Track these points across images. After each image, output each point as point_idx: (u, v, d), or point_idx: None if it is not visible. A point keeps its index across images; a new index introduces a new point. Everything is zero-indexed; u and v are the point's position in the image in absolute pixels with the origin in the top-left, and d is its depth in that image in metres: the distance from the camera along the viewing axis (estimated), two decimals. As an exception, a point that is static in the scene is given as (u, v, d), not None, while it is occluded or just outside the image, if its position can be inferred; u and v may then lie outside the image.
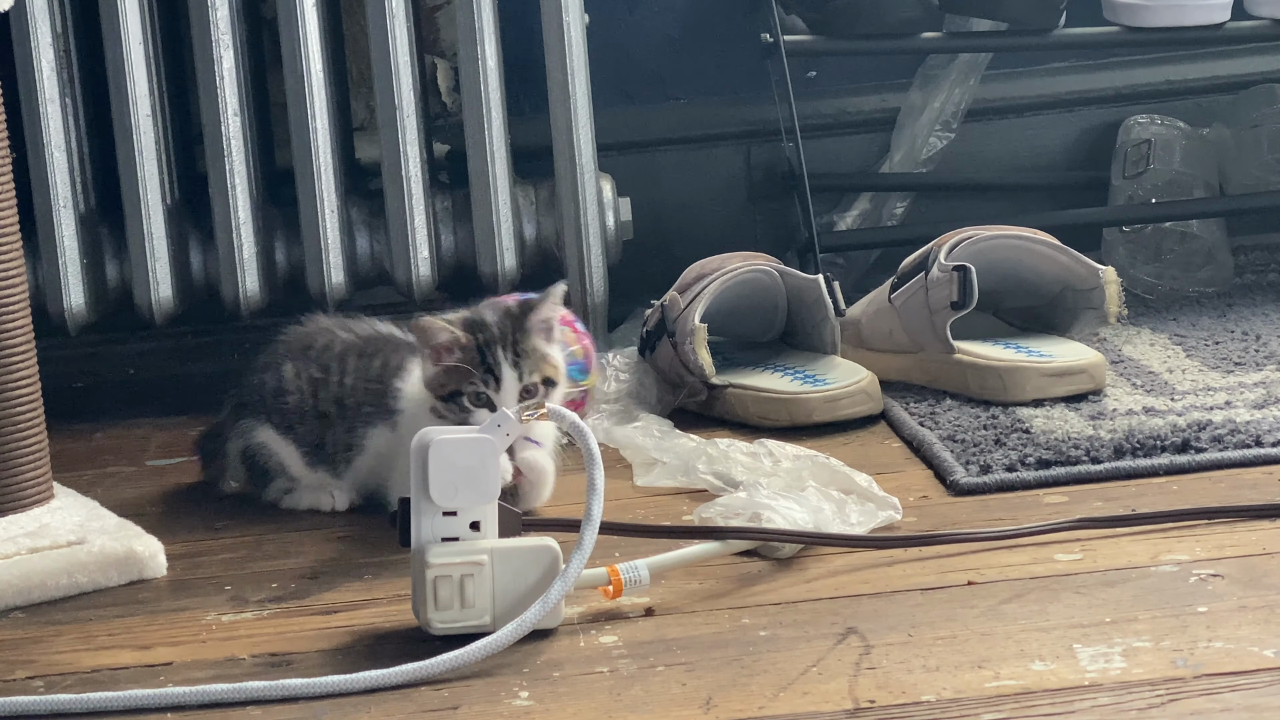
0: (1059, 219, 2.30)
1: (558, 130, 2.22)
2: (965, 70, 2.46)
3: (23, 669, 1.50)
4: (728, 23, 2.47)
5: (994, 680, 1.34)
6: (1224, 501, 1.66)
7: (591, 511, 1.49)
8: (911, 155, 2.47)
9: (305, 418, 1.81)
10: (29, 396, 1.77)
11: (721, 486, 1.77)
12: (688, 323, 1.99)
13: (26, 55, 2.14)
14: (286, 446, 1.82)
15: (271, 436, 1.83)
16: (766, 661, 1.40)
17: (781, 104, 2.33)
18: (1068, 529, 1.62)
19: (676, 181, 2.49)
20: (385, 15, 2.17)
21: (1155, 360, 2.07)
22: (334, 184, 2.20)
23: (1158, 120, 2.41)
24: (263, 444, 1.83)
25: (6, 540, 1.67)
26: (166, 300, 2.21)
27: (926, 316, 2.02)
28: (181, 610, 1.60)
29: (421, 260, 2.22)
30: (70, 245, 2.18)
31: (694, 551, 1.59)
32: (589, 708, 1.35)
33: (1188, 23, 2.29)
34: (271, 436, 1.83)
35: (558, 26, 2.19)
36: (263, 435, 1.83)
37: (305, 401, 1.81)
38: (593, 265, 2.23)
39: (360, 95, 2.41)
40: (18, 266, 1.76)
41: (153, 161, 2.18)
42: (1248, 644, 1.37)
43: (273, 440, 1.83)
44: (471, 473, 1.47)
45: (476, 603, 1.47)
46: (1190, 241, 2.36)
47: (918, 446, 1.87)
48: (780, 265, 2.08)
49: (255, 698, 1.40)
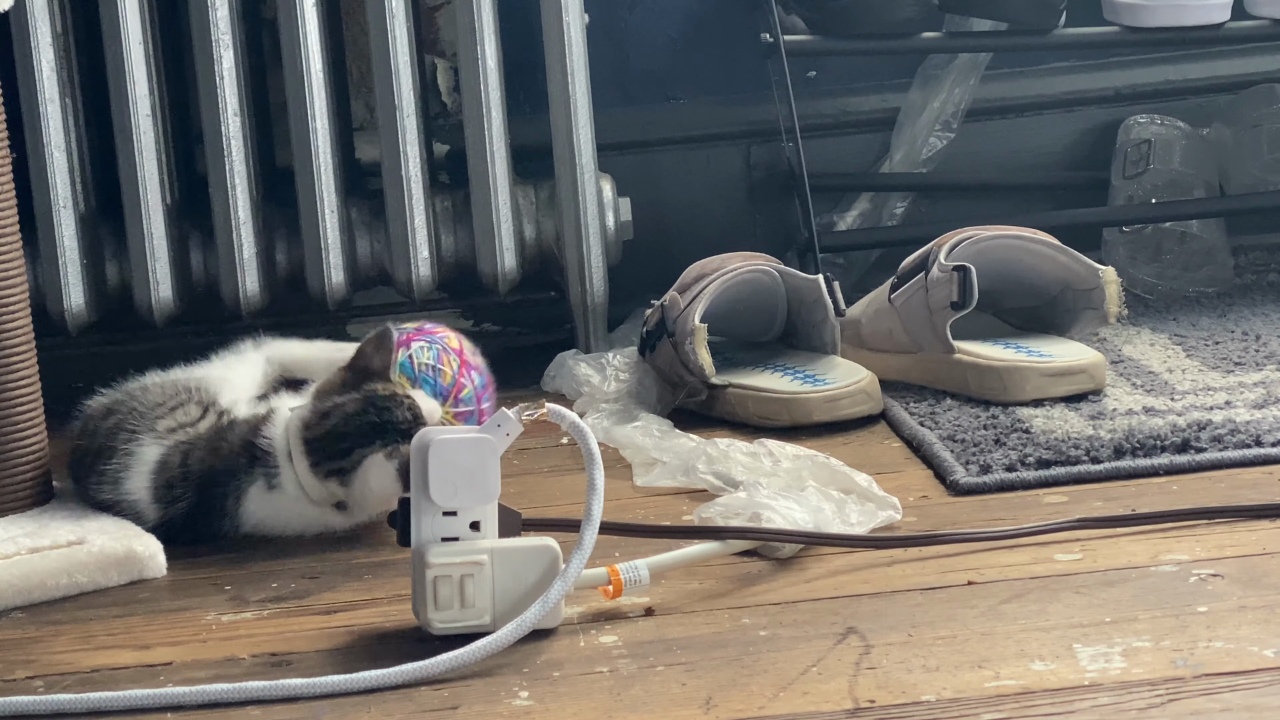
0: (1059, 219, 2.31)
1: (558, 130, 2.22)
2: (965, 70, 2.46)
3: (23, 669, 1.50)
4: (728, 23, 2.47)
5: (994, 680, 1.34)
6: (1224, 501, 1.66)
7: (591, 511, 1.49)
8: (911, 155, 2.47)
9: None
10: (29, 396, 1.77)
11: (721, 486, 1.77)
12: (688, 323, 1.99)
13: (26, 55, 2.14)
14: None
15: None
16: (766, 661, 1.40)
17: (781, 104, 2.33)
18: (1068, 529, 1.62)
19: (676, 181, 2.49)
20: (385, 15, 2.17)
21: (1155, 360, 2.07)
22: (334, 184, 2.20)
23: (1158, 120, 2.41)
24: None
25: (6, 540, 1.67)
26: (166, 300, 2.21)
27: (926, 316, 2.02)
28: (181, 610, 1.60)
29: (421, 260, 2.22)
30: (70, 245, 2.18)
31: (694, 551, 1.59)
32: (589, 708, 1.35)
33: (1188, 23, 2.29)
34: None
35: (558, 26, 2.19)
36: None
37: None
38: (593, 265, 2.23)
39: (360, 95, 2.41)
40: (18, 266, 1.77)
41: (153, 161, 2.18)
42: (1248, 644, 1.37)
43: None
44: (471, 473, 1.47)
45: (476, 603, 1.47)
46: (1190, 241, 2.36)
47: (918, 446, 1.87)
48: (780, 265, 2.08)
49: (255, 698, 1.40)
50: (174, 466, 1.73)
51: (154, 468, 1.73)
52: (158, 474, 1.73)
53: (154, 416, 1.76)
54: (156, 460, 1.74)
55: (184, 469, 1.72)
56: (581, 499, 1.50)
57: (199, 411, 1.77)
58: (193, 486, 1.72)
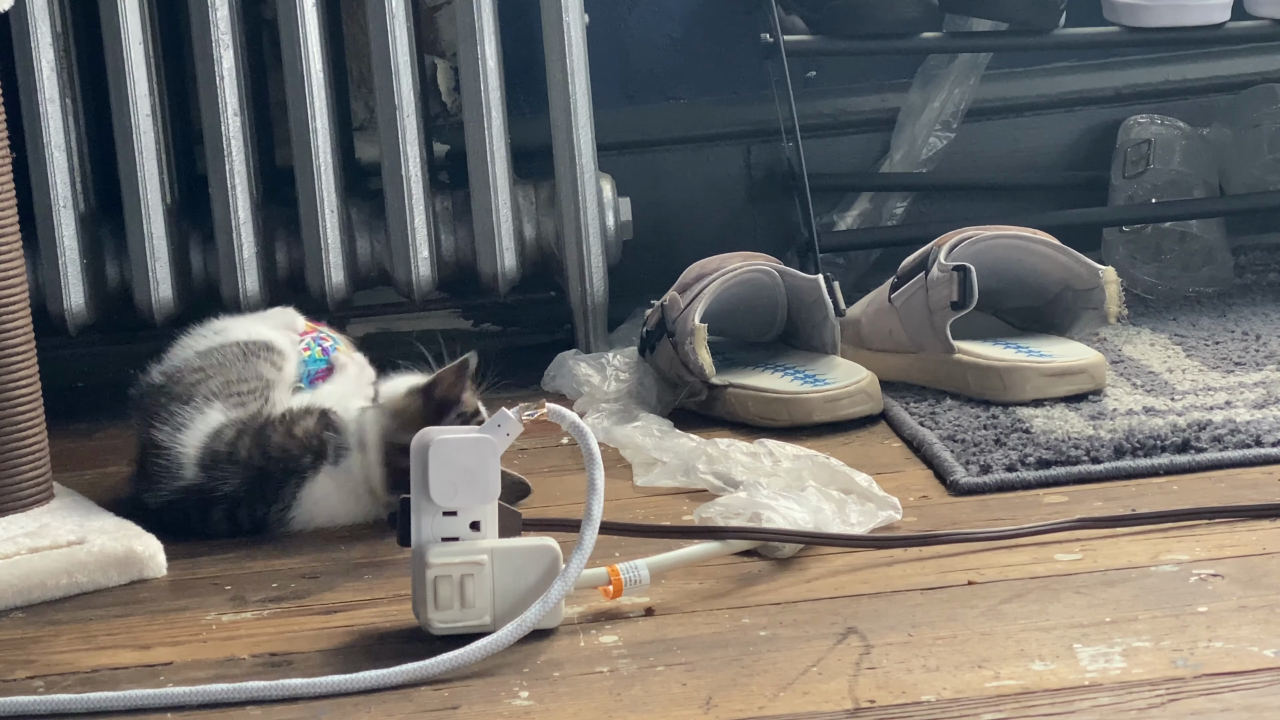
0: (1059, 219, 2.31)
1: (558, 130, 2.22)
2: (965, 70, 2.46)
3: (23, 669, 1.50)
4: (728, 23, 2.47)
5: (994, 680, 1.34)
6: (1224, 501, 1.66)
7: (591, 511, 1.49)
8: (911, 155, 2.47)
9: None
10: (29, 396, 1.77)
11: (721, 486, 1.77)
12: (688, 322, 1.99)
13: (26, 55, 2.14)
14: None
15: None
16: (766, 661, 1.40)
17: (781, 104, 2.33)
18: (1068, 529, 1.62)
19: (676, 181, 2.49)
20: (385, 15, 2.17)
21: (1155, 360, 2.07)
22: (334, 184, 2.20)
23: (1158, 120, 2.42)
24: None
25: (6, 540, 1.67)
26: (166, 300, 2.21)
27: (926, 316, 2.02)
28: (181, 610, 1.60)
29: (421, 260, 2.22)
30: (70, 245, 2.18)
31: (694, 551, 1.59)
32: (589, 708, 1.35)
33: (1188, 23, 2.29)
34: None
35: (558, 26, 2.20)
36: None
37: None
38: (593, 265, 2.23)
39: (360, 95, 2.41)
40: (18, 266, 1.77)
41: (153, 161, 2.18)
42: (1248, 644, 1.37)
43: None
44: (471, 473, 1.47)
45: (476, 603, 1.47)
46: (1190, 241, 2.36)
47: (918, 446, 1.87)
48: (780, 265, 2.08)
49: (255, 698, 1.40)
50: (225, 441, 1.75)
51: (210, 434, 1.76)
52: (211, 440, 1.76)
53: (228, 392, 1.79)
54: (213, 428, 1.76)
55: (231, 449, 1.75)
56: (581, 499, 1.50)
57: (260, 403, 1.80)
58: (243, 470, 1.75)
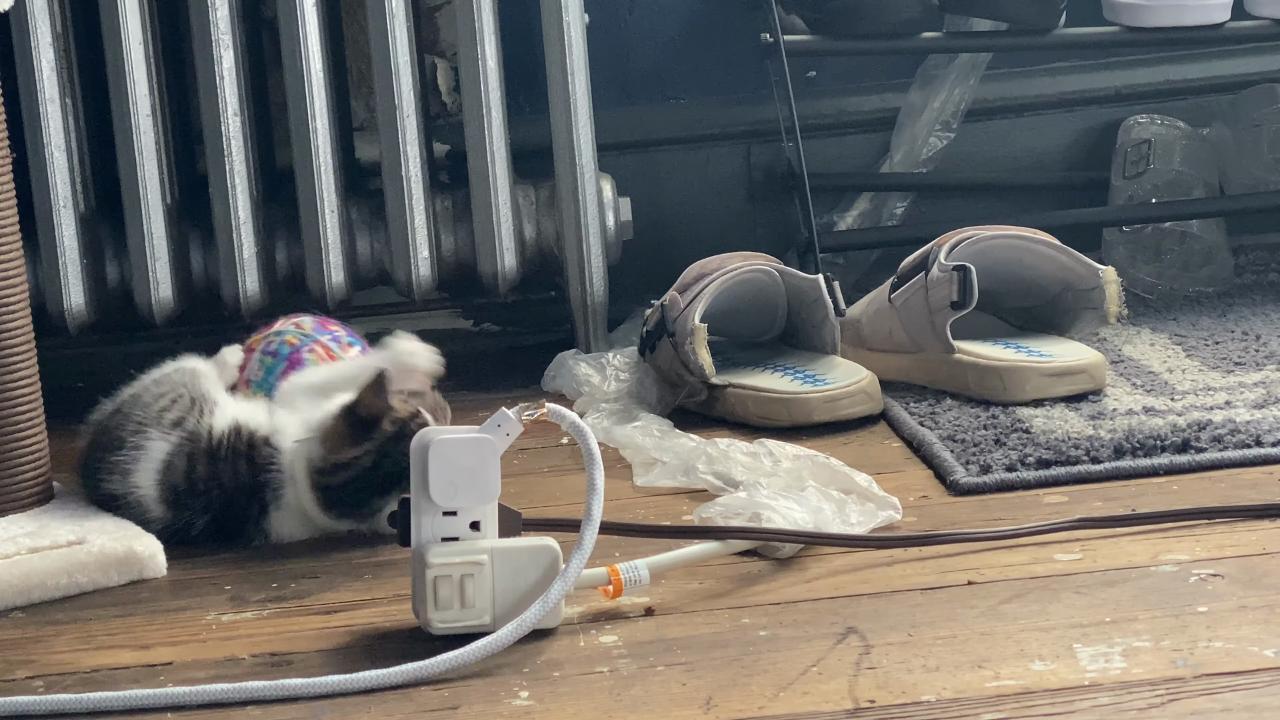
0: (1059, 219, 2.30)
1: (558, 130, 2.22)
2: (965, 70, 2.46)
3: (23, 669, 1.50)
4: (728, 23, 2.47)
5: (994, 680, 1.34)
6: (1224, 501, 1.66)
7: (591, 511, 1.49)
8: (911, 155, 2.47)
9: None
10: (29, 396, 1.77)
11: (721, 486, 1.77)
12: (688, 322, 1.99)
13: (26, 55, 2.14)
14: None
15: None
16: (766, 661, 1.40)
17: (781, 104, 2.33)
18: (1067, 529, 1.62)
19: (676, 181, 2.49)
20: (385, 15, 2.17)
21: (1155, 360, 2.07)
22: (334, 184, 2.20)
23: (1158, 120, 2.42)
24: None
25: (6, 540, 1.67)
26: (166, 300, 2.21)
27: (926, 316, 2.02)
28: (181, 610, 1.60)
29: (421, 260, 2.22)
30: (70, 245, 2.18)
31: (694, 551, 1.59)
32: (589, 708, 1.35)
33: (1188, 23, 2.29)
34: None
35: (558, 26, 2.20)
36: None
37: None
38: (593, 265, 2.23)
39: (360, 95, 2.41)
40: (18, 266, 1.77)
41: (153, 161, 2.18)
42: (1248, 644, 1.37)
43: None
44: (471, 473, 1.47)
45: (476, 603, 1.47)
46: (1190, 241, 2.36)
47: (918, 446, 1.87)
48: (780, 265, 2.08)
49: (255, 698, 1.40)
50: (180, 472, 1.73)
51: (160, 466, 1.74)
52: (164, 474, 1.73)
53: (158, 410, 1.76)
54: (163, 458, 1.74)
55: (190, 477, 1.73)
56: (581, 499, 1.50)
57: (189, 405, 1.77)
58: (208, 500, 1.73)
